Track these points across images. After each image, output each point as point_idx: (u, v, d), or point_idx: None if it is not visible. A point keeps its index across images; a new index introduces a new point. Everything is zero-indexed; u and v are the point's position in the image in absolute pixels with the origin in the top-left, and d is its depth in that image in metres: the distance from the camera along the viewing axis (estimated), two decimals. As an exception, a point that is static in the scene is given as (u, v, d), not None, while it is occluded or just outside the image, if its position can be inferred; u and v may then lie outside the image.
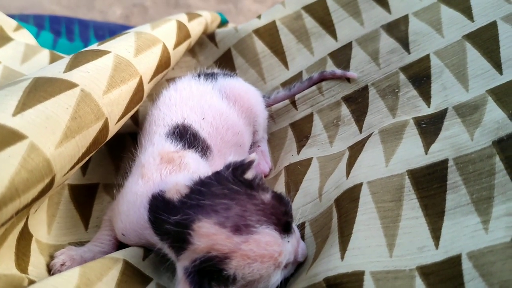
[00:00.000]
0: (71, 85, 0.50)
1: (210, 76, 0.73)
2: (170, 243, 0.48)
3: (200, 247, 0.44)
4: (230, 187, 0.48)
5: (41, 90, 0.48)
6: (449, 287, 0.44)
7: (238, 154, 0.72)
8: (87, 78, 0.53)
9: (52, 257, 0.54)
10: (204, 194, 0.48)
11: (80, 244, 0.59)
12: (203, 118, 0.65)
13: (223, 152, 0.66)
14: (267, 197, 0.49)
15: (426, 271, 0.46)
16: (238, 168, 0.50)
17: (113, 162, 0.73)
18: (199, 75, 0.73)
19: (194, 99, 0.67)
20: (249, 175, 0.50)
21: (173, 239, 0.47)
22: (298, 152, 0.71)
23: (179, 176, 0.53)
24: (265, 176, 0.71)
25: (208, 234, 0.44)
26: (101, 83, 0.54)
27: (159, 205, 0.49)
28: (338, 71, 0.74)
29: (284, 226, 0.48)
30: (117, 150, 0.73)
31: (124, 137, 0.75)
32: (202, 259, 0.44)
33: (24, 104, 0.45)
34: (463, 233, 0.47)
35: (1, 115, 0.43)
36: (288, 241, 0.48)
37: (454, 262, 0.45)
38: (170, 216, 0.47)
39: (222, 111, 0.68)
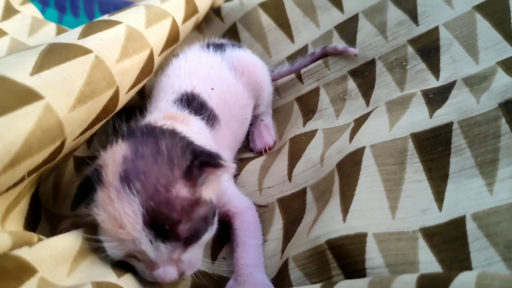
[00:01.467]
0: (86, 51, 0.51)
1: (219, 47, 0.73)
2: None
3: (102, 157, 0.47)
4: (169, 147, 0.46)
5: (57, 53, 0.49)
6: (453, 248, 0.44)
7: (243, 127, 0.72)
8: (100, 45, 0.53)
9: (57, 225, 0.55)
10: (153, 133, 0.48)
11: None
12: (212, 89, 0.65)
13: (231, 124, 0.67)
14: (179, 188, 0.43)
15: (429, 233, 0.46)
16: (206, 156, 0.47)
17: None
18: (208, 45, 0.73)
19: (203, 70, 0.67)
20: (203, 160, 0.46)
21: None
22: (304, 125, 0.71)
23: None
24: (269, 149, 0.72)
25: (113, 154, 0.46)
26: (115, 52, 0.55)
27: None
28: (340, 47, 0.74)
29: (159, 225, 0.42)
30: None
31: (130, 110, 0.76)
32: (95, 167, 0.47)
33: (41, 66, 0.46)
34: (467, 196, 0.47)
35: (19, 74, 0.44)
36: (151, 242, 0.42)
37: (458, 223, 0.45)
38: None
39: (230, 83, 0.68)
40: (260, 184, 0.65)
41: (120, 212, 0.42)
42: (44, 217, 0.56)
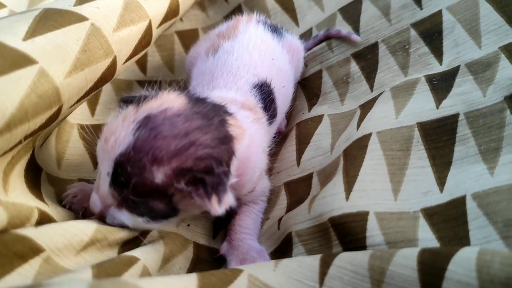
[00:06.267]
0: (81, 18, 0.50)
1: (277, 32, 0.68)
2: None
3: (160, 94, 0.50)
4: (205, 141, 0.44)
5: (51, 19, 0.47)
6: (452, 226, 0.44)
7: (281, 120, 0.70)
8: (97, 13, 0.52)
9: (64, 189, 0.55)
10: (215, 115, 0.47)
11: (89, 182, 0.59)
12: (283, 87, 0.62)
13: (278, 120, 0.65)
14: (159, 173, 0.42)
15: (430, 212, 0.46)
16: (212, 184, 0.43)
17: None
18: (272, 28, 0.68)
19: (280, 62, 0.64)
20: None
21: None
22: (309, 110, 0.71)
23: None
24: (279, 133, 0.71)
25: (167, 98, 0.48)
26: (112, 20, 0.53)
27: None
28: (344, 32, 0.73)
29: (120, 171, 0.43)
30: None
31: (132, 84, 0.76)
32: (150, 94, 0.49)
33: (35, 31, 0.45)
34: (469, 178, 0.47)
35: (12, 39, 0.43)
36: (108, 173, 0.44)
37: (458, 203, 0.45)
38: None
39: (290, 81, 0.67)
40: (271, 170, 0.65)
41: (115, 133, 0.44)
42: (45, 181, 0.56)
